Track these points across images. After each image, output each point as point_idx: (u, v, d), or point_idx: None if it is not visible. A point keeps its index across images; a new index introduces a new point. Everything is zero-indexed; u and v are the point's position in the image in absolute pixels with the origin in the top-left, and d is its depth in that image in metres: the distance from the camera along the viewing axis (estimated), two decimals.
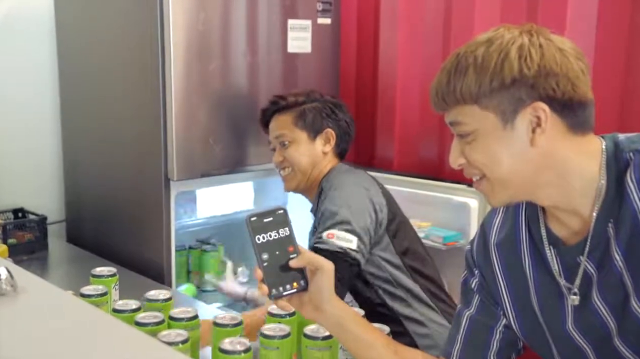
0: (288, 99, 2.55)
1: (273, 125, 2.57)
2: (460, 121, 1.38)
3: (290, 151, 2.51)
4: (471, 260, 1.63)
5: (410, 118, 3.13)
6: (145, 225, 2.83)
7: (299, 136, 2.51)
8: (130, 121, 2.84)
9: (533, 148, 1.33)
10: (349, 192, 2.35)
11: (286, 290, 1.50)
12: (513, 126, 1.33)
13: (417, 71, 3.07)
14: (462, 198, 2.76)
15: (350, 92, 3.35)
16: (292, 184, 2.55)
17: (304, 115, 2.52)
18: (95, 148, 3.10)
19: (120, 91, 2.88)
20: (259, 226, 1.48)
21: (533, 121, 1.32)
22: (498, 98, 1.32)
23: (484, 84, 1.32)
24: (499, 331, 1.59)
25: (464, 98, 1.35)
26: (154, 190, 2.72)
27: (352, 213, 2.27)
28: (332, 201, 2.32)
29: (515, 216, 1.52)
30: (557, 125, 1.32)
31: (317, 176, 2.52)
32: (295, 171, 2.51)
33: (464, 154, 1.40)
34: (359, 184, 2.40)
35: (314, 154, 2.52)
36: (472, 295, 1.63)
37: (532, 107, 1.31)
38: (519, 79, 1.30)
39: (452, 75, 1.36)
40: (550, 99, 1.31)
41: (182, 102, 2.63)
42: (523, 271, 1.50)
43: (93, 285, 2.07)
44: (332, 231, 2.22)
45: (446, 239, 2.78)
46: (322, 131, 2.53)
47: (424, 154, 3.11)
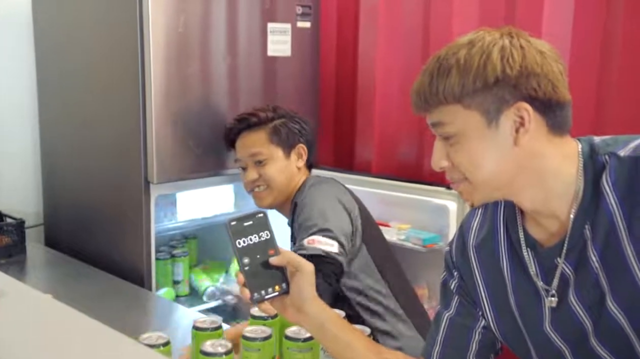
0: (259, 115, 2.53)
1: (244, 142, 2.55)
2: (444, 121, 1.38)
3: (267, 169, 2.49)
4: (450, 261, 1.64)
5: (389, 121, 3.14)
6: (124, 228, 2.83)
7: (275, 153, 2.51)
8: (110, 124, 2.84)
9: (516, 148, 1.34)
10: (324, 205, 2.35)
11: (268, 293, 1.50)
12: (497, 125, 1.34)
13: (396, 74, 3.09)
14: (441, 200, 2.77)
15: (330, 95, 3.36)
16: (267, 201, 2.53)
17: (278, 131, 2.52)
18: (74, 151, 3.09)
19: (99, 93, 2.88)
20: (239, 230, 1.48)
21: (517, 121, 1.33)
22: (481, 97, 1.33)
23: (467, 84, 1.33)
24: (478, 332, 1.60)
25: (446, 98, 1.35)
26: (133, 193, 2.72)
27: (330, 223, 2.28)
28: (309, 214, 2.31)
29: (493, 218, 1.54)
30: (539, 126, 1.34)
31: (291, 191, 2.52)
32: (272, 188, 2.50)
33: (448, 157, 1.40)
34: (332, 195, 2.40)
35: (290, 170, 2.52)
36: (451, 296, 1.64)
37: (515, 107, 1.33)
38: (501, 78, 1.32)
39: (434, 77, 1.37)
40: (532, 99, 1.32)
41: (161, 104, 2.63)
42: (501, 272, 1.51)
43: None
44: (313, 237, 2.23)
45: (426, 241, 2.79)
46: (295, 147, 2.54)
47: (402, 156, 3.13)
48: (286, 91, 3.04)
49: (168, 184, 2.75)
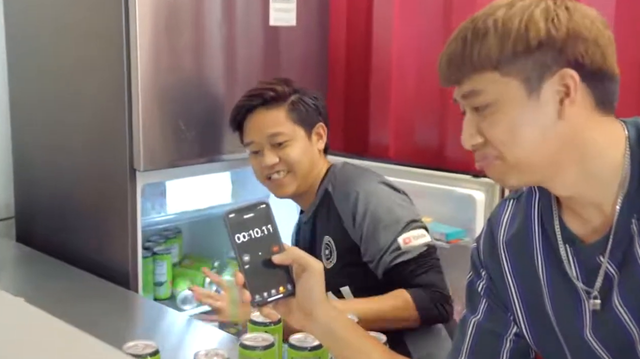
0: (276, 88, 2.50)
1: (261, 121, 2.51)
2: (479, 90, 1.38)
3: (289, 151, 2.47)
4: (477, 260, 1.64)
5: (407, 100, 3.15)
6: (107, 222, 2.83)
7: (297, 133, 2.50)
8: (90, 104, 2.84)
9: (561, 122, 1.34)
10: (388, 193, 2.38)
11: (271, 296, 1.51)
12: (539, 94, 1.34)
13: (414, 47, 3.08)
14: (466, 190, 2.78)
15: (339, 71, 3.35)
16: (290, 188, 2.51)
17: (297, 108, 2.51)
18: (49, 136, 3.09)
19: (77, 70, 2.87)
20: (238, 224, 1.49)
21: (561, 90, 1.33)
22: (522, 63, 1.33)
23: (506, 48, 1.33)
24: (509, 339, 1.60)
25: (482, 64, 1.35)
26: (117, 182, 2.72)
27: (407, 211, 2.34)
28: (378, 208, 2.33)
29: (526, 210, 1.53)
30: (586, 98, 1.34)
31: (315, 179, 2.52)
32: (295, 173, 2.48)
33: (480, 131, 1.40)
34: (384, 181, 2.44)
35: (312, 153, 2.52)
36: (478, 299, 1.64)
37: (559, 75, 1.33)
38: (545, 42, 1.32)
39: (468, 41, 1.36)
40: (579, 66, 1.32)
41: (149, 82, 2.62)
42: (535, 272, 1.51)
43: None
44: (405, 236, 2.27)
45: (449, 237, 2.79)
46: (314, 126, 2.54)
47: (422, 140, 3.13)
48: (290, 65, 3.04)
49: (156, 172, 2.75)
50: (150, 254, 3.17)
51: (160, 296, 3.18)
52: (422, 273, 2.26)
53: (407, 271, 2.26)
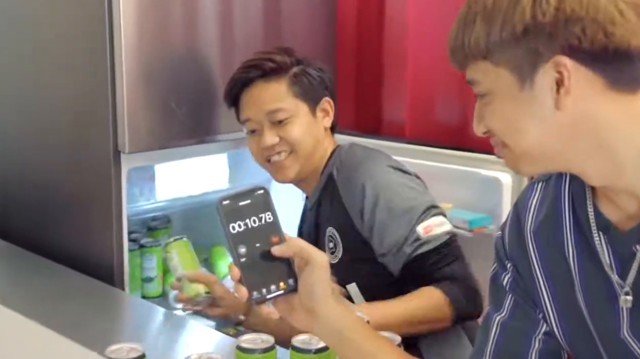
0: (276, 59, 2.48)
1: (259, 96, 2.48)
2: (475, 79, 1.41)
3: (291, 129, 2.45)
4: (502, 250, 1.64)
5: (425, 72, 3.14)
6: (89, 212, 2.84)
7: (300, 109, 2.47)
8: (69, 80, 2.83)
9: (560, 112, 1.33)
10: (401, 178, 2.38)
11: (270, 292, 1.50)
12: (532, 85, 1.34)
13: (432, 13, 3.08)
14: (491, 172, 2.78)
15: (349, 41, 3.35)
16: (292, 171, 2.48)
17: (299, 81, 2.48)
18: (25, 116, 3.09)
19: (54, 43, 2.87)
20: (233, 211, 1.48)
21: (557, 78, 1.32)
22: (510, 51, 1.34)
23: (492, 35, 1.34)
24: (538, 339, 1.59)
25: (473, 53, 1.37)
26: (99, 166, 2.72)
27: (423, 197, 2.34)
28: (391, 195, 2.32)
29: (556, 195, 1.53)
30: (591, 81, 1.32)
31: (319, 160, 2.51)
32: (297, 153, 2.46)
33: (484, 121, 1.42)
34: (397, 165, 2.43)
35: (317, 132, 2.50)
36: (503, 294, 1.63)
37: (552, 62, 1.32)
38: (532, 27, 1.31)
39: (460, 26, 1.39)
40: (576, 50, 1.31)
41: (135, 55, 2.62)
42: (566, 263, 1.50)
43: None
44: (425, 224, 2.27)
45: (472, 224, 2.79)
46: (319, 101, 2.52)
47: (442, 117, 3.13)
48: (293, 35, 3.03)
49: (143, 154, 2.75)
50: (137, 246, 3.12)
51: (149, 294, 3.14)
52: (446, 265, 2.26)
53: (430, 263, 2.26)
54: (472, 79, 1.41)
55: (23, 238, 3.09)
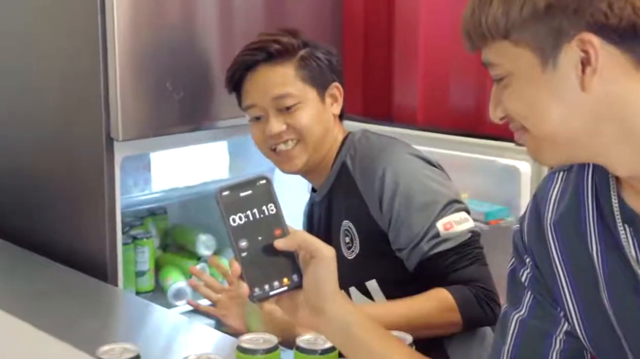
0: (282, 40, 2.46)
1: (264, 80, 2.46)
2: (492, 61, 1.40)
3: (299, 116, 2.42)
4: (521, 244, 1.63)
5: (438, 54, 3.15)
6: (80, 203, 2.84)
7: (308, 95, 2.45)
8: (57, 61, 2.84)
9: (585, 94, 1.33)
10: (422, 168, 2.36)
11: (273, 288, 1.50)
12: (555, 65, 1.34)
13: None
14: (509, 160, 2.78)
15: (357, 22, 3.35)
16: (301, 161, 2.46)
17: (307, 64, 2.46)
18: (10, 102, 3.10)
19: (43, 22, 2.87)
20: (233, 203, 1.48)
21: (582, 57, 1.32)
22: (532, 30, 1.33)
23: (512, 13, 1.34)
24: (559, 339, 1.59)
25: (490, 33, 1.37)
26: (91, 154, 2.73)
27: (446, 190, 2.32)
28: (411, 185, 2.30)
29: (578, 185, 1.52)
30: (619, 61, 1.32)
31: (329, 150, 2.49)
32: (306, 142, 2.44)
33: (502, 105, 1.42)
34: (417, 154, 2.41)
35: (326, 119, 2.48)
36: (522, 291, 1.63)
37: (578, 40, 1.31)
38: (555, 3, 1.31)
39: (476, 5, 1.38)
40: (602, 27, 1.30)
41: (128, 35, 2.62)
42: (589, 257, 1.50)
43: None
44: (447, 219, 2.25)
45: (489, 216, 2.80)
46: (328, 86, 2.50)
47: (457, 102, 3.13)
48: (296, 14, 3.03)
49: (138, 142, 2.75)
50: (130, 240, 3.14)
51: (142, 289, 3.17)
52: (463, 266, 2.24)
53: (447, 263, 2.24)
54: (490, 61, 1.41)
55: (9, 231, 3.10)
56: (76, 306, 2.49)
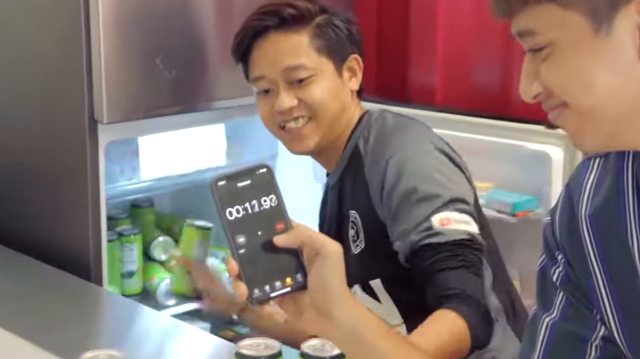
0: (297, 4, 2.42)
1: (272, 50, 2.43)
2: (533, 29, 1.37)
3: (313, 90, 2.40)
4: (552, 239, 1.63)
5: (459, 29, 3.16)
6: (62, 192, 2.85)
7: (324, 67, 2.43)
8: (38, 38, 2.85)
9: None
10: (432, 162, 2.33)
11: (275, 289, 1.49)
12: (610, 31, 1.32)
13: None
14: (539, 146, 2.79)
15: None
16: (312, 142, 2.44)
17: (324, 32, 2.44)
18: None
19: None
20: (230, 194, 1.47)
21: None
22: None
23: None
24: (595, 345, 1.59)
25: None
26: (73, 138, 2.74)
27: (455, 188, 2.29)
28: (416, 175, 2.29)
29: (617, 172, 1.51)
30: None
31: (344, 129, 2.47)
32: (319, 120, 2.42)
33: (541, 80, 1.39)
34: (433, 142, 2.38)
35: (343, 95, 2.46)
36: (554, 291, 1.63)
37: (638, 3, 1.30)
38: None
39: None
40: None
41: (114, 6, 2.62)
42: (630, 254, 1.49)
43: None
44: (445, 215, 2.22)
45: (516, 208, 2.81)
46: (347, 58, 2.47)
47: (480, 81, 3.13)
48: None
49: (125, 125, 2.76)
50: (116, 236, 3.15)
51: (129, 291, 3.18)
52: (451, 268, 2.18)
53: (434, 259, 2.19)
54: (529, 28, 1.38)
55: None
56: (57, 309, 2.51)
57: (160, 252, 3.27)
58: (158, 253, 3.28)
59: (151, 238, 3.33)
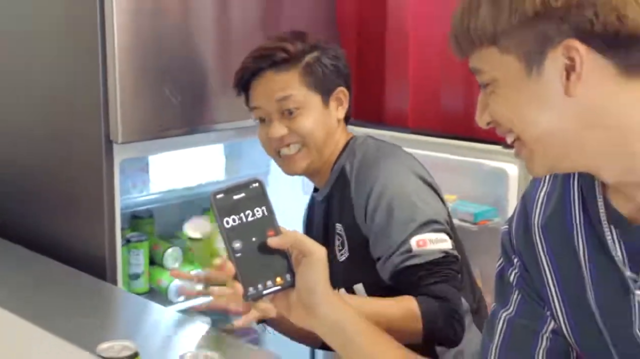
0: (288, 48, 2.43)
1: (267, 86, 2.44)
2: (480, 68, 1.40)
3: (301, 121, 2.41)
4: (509, 245, 1.63)
5: (429, 59, 3.14)
6: (80, 204, 2.84)
7: (311, 100, 2.43)
8: (59, 65, 2.83)
9: (571, 100, 1.33)
10: (410, 187, 2.33)
11: (267, 288, 1.50)
12: (540, 71, 1.33)
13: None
14: (498, 163, 2.78)
15: (350, 26, 3.35)
16: (302, 165, 2.45)
17: (313, 70, 2.44)
18: (11, 104, 3.09)
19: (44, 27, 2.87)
20: (227, 205, 1.48)
21: (566, 64, 1.32)
22: (519, 37, 1.33)
23: (501, 20, 1.33)
24: (546, 337, 1.59)
25: (479, 39, 1.37)
26: (91, 157, 2.73)
27: (430, 210, 2.28)
28: (393, 202, 2.28)
29: (565, 187, 1.52)
30: (602, 68, 1.32)
31: (331, 153, 2.47)
32: (309, 147, 2.43)
33: (488, 110, 1.41)
34: (411, 167, 2.39)
35: (329, 124, 2.46)
36: (510, 291, 1.63)
37: (563, 47, 1.31)
38: (543, 10, 1.30)
39: (465, 12, 1.38)
40: (587, 34, 1.30)
41: (128, 39, 2.61)
42: (576, 258, 1.50)
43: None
44: (422, 237, 2.22)
45: (477, 217, 2.80)
46: (333, 91, 2.48)
47: (447, 106, 3.12)
48: (293, 21, 3.02)
49: (137, 144, 2.75)
50: (124, 242, 3.09)
51: (137, 290, 3.14)
52: (431, 283, 2.20)
53: (415, 278, 2.21)
54: (477, 67, 1.41)
55: (11, 231, 3.09)
56: (76, 304, 2.49)
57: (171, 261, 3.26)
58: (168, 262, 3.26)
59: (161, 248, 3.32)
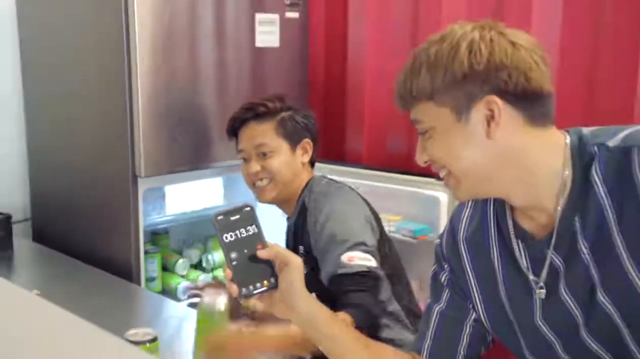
0: (268, 105, 2.45)
1: (250, 133, 2.46)
2: (419, 118, 1.41)
3: (271, 162, 2.42)
4: (440, 254, 1.64)
5: (379, 112, 3.14)
6: (113, 223, 2.82)
7: (281, 146, 2.44)
8: (96, 118, 2.83)
9: (491, 141, 1.35)
10: (350, 217, 2.30)
11: (256, 288, 1.49)
12: (467, 119, 1.35)
13: (385, 65, 3.07)
14: (431, 192, 2.77)
15: (319, 86, 3.35)
16: (271, 195, 2.46)
17: (285, 124, 2.45)
18: (60, 145, 3.08)
19: (85, 87, 2.86)
20: (226, 225, 1.47)
21: (487, 114, 1.34)
22: (452, 94, 1.35)
23: (436, 81, 1.36)
24: (469, 325, 1.60)
25: (420, 96, 1.39)
26: (121, 187, 2.72)
27: (362, 236, 2.25)
28: (335, 228, 2.26)
29: (483, 210, 1.54)
30: (514, 118, 1.35)
31: (296, 188, 2.46)
32: (276, 181, 2.43)
33: (426, 152, 1.42)
34: (350, 201, 2.37)
35: (294, 165, 2.45)
36: (441, 289, 1.64)
37: (485, 101, 1.34)
38: (469, 74, 1.33)
39: (408, 75, 1.41)
40: (503, 92, 1.33)
41: (148, 97, 2.62)
42: (492, 265, 1.51)
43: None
44: (352, 254, 2.19)
45: (416, 233, 2.79)
46: (300, 141, 2.47)
47: (392, 147, 3.12)
48: (275, 81, 3.03)
49: (156, 178, 2.74)
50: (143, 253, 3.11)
51: (152, 290, 3.12)
52: (356, 291, 2.15)
53: (342, 285, 2.17)
54: (417, 118, 1.42)
55: (59, 243, 3.07)
56: (108, 300, 2.47)
57: (181, 269, 3.26)
58: (179, 270, 3.26)
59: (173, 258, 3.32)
